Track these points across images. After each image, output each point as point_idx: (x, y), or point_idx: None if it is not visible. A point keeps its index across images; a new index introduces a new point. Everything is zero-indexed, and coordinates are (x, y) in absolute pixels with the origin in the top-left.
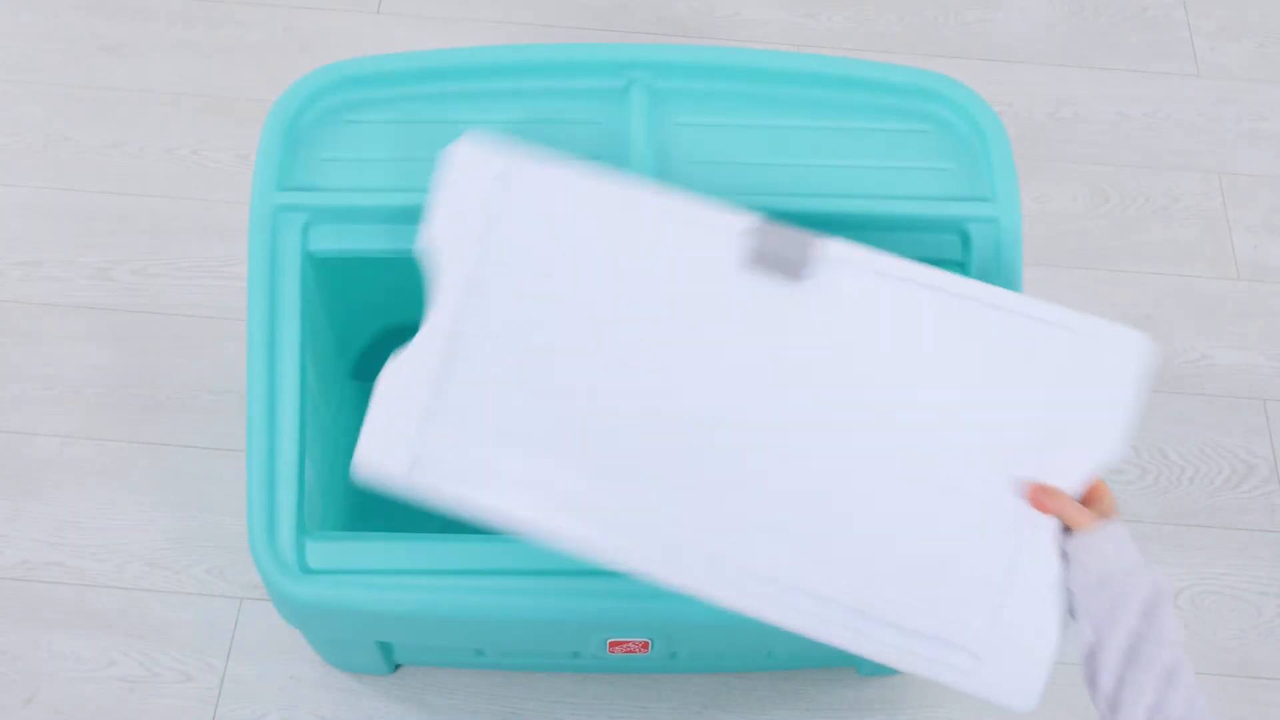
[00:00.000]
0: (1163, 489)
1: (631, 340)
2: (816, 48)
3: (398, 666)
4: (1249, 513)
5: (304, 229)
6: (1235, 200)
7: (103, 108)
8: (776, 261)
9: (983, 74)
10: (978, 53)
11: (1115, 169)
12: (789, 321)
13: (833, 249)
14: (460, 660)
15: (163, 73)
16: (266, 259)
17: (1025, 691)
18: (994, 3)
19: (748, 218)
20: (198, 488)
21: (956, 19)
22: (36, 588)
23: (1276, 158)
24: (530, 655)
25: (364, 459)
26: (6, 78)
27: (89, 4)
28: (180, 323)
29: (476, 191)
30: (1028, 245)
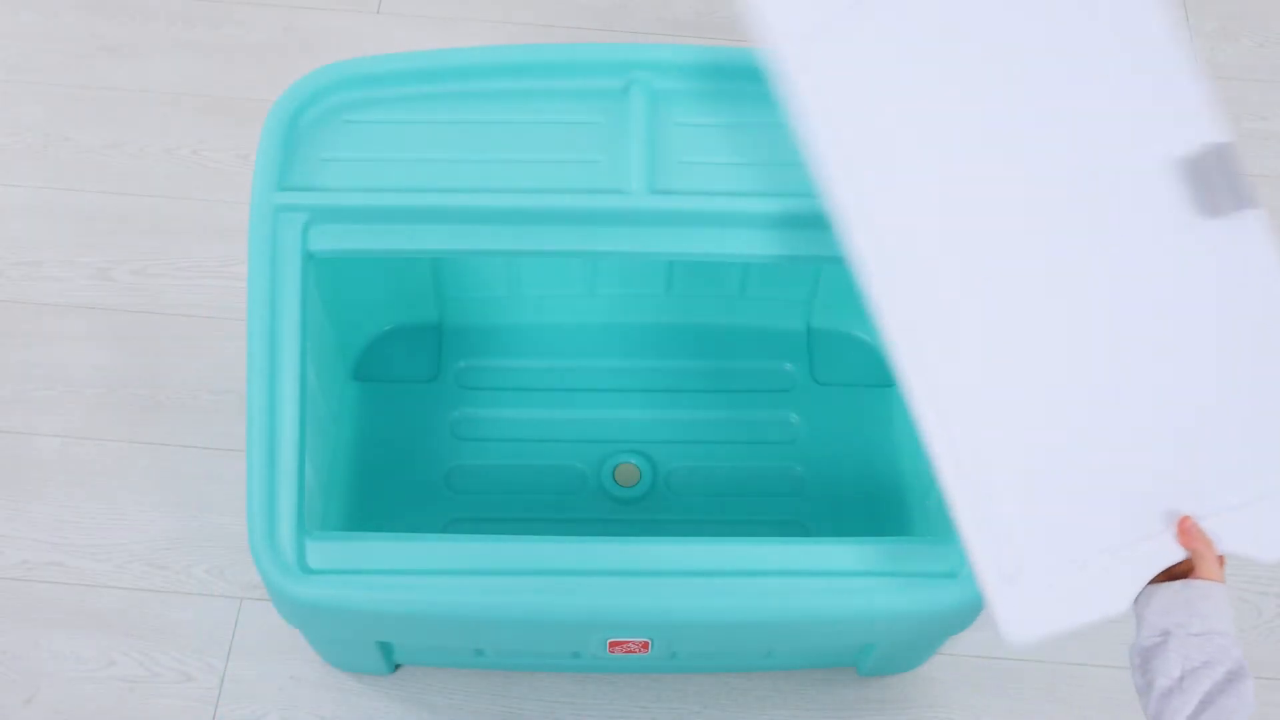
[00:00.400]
0: None
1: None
2: None
3: (398, 666)
4: None
5: (304, 229)
6: None
7: (103, 108)
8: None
9: None
10: None
11: None
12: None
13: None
14: (460, 660)
15: (163, 73)
16: (266, 259)
17: (1027, 631)
18: None
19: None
20: (198, 488)
21: None
22: (36, 588)
23: (1276, 158)
24: (530, 655)
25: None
26: (6, 78)
27: (89, 4)
28: (180, 323)
29: None
30: None
